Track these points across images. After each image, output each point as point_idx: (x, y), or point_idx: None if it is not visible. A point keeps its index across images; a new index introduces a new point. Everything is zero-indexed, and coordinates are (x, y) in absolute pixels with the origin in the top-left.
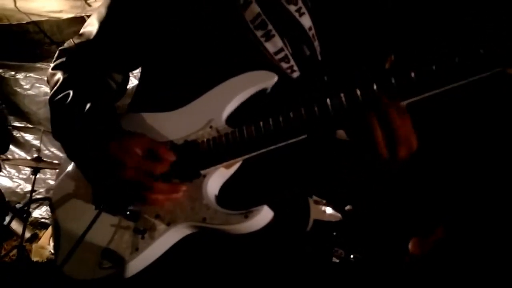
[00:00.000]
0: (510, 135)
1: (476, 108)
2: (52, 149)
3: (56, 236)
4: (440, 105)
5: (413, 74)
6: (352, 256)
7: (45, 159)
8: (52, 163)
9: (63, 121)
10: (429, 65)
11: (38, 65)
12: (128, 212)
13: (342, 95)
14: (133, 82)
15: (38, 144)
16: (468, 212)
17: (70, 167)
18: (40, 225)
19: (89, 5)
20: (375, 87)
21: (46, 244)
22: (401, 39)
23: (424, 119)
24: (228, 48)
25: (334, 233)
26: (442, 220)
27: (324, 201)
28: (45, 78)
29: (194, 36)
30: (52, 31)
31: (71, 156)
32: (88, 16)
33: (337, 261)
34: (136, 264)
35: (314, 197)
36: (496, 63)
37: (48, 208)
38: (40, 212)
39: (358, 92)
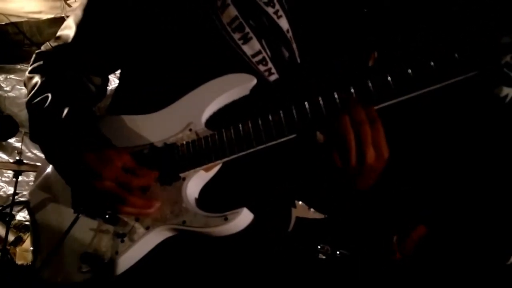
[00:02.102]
0: (484, 134)
1: (451, 108)
2: (35, 151)
3: (35, 240)
4: (417, 106)
5: (389, 78)
6: (338, 253)
7: (27, 161)
8: (34, 165)
9: (41, 125)
10: (405, 69)
11: (19, 66)
12: (107, 216)
13: (320, 98)
14: (116, 82)
15: (20, 146)
16: (449, 209)
17: (48, 170)
18: (24, 228)
19: (69, 5)
20: (352, 90)
21: (30, 247)
22: (384, 36)
23: (401, 120)
24: (206, 51)
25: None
26: (423, 217)
27: (307, 206)
28: None
29: (171, 39)
30: (31, 32)
31: (49, 159)
32: (68, 17)
33: (324, 257)
34: (116, 268)
35: (297, 202)
36: (471, 67)
37: None
38: (24, 215)
39: (336, 95)
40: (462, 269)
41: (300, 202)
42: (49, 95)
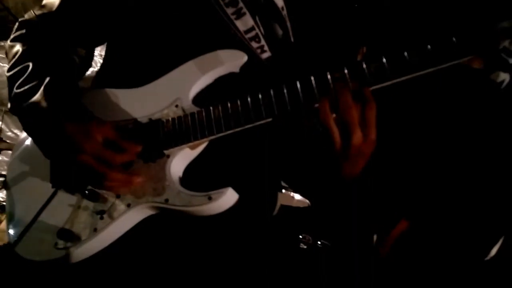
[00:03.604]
0: (472, 128)
1: (446, 94)
2: (15, 131)
3: (10, 215)
4: (411, 91)
5: (384, 60)
6: (319, 243)
7: (7, 140)
8: (14, 144)
9: (20, 94)
10: (401, 52)
11: (2, 43)
12: (86, 192)
13: (312, 78)
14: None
15: (0, 125)
16: (431, 205)
17: (26, 143)
18: (2, 208)
19: None
20: (346, 71)
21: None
22: (374, 30)
23: (394, 106)
24: (198, 25)
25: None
26: (404, 213)
27: (292, 191)
28: None
29: (162, 11)
30: (16, 9)
31: (28, 131)
32: None
33: (305, 247)
34: (94, 245)
35: (283, 186)
36: (468, 51)
37: None
38: (2, 195)
39: (329, 75)
40: (441, 264)
41: (284, 191)
42: (30, 64)
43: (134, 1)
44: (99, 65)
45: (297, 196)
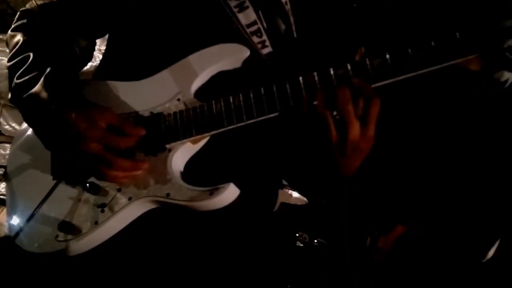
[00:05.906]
0: (471, 128)
1: (449, 93)
2: (13, 124)
3: (10, 207)
4: (412, 92)
5: (388, 56)
6: (316, 241)
7: (5, 134)
8: (11, 137)
9: (21, 84)
10: (405, 48)
11: (1, 36)
12: (87, 185)
13: (315, 73)
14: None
15: None
16: (432, 206)
17: (27, 135)
18: None
19: None
20: (349, 67)
21: (4, 220)
22: (373, 30)
23: (397, 105)
24: (199, 17)
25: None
26: (403, 216)
27: (290, 188)
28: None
29: (165, 3)
30: (16, 2)
31: (29, 122)
32: None
33: (301, 245)
34: (94, 238)
35: (284, 183)
36: (472, 49)
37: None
38: None
39: (332, 71)
40: (438, 266)
41: (285, 188)
42: (31, 54)
43: None
44: (97, 60)
45: (295, 194)
